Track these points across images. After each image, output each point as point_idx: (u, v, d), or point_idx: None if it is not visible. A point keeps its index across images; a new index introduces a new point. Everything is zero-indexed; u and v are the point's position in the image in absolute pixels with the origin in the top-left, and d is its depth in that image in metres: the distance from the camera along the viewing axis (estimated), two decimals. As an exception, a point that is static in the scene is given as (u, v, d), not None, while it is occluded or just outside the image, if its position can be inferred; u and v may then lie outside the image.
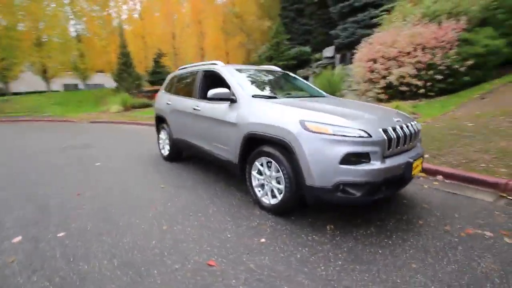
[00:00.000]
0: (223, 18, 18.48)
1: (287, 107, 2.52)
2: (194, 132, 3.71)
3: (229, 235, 2.27)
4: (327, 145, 2.12)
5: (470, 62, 6.83)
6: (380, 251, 2.00)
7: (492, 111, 5.32)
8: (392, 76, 7.54)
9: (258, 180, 2.74)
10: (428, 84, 7.29)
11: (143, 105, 14.23)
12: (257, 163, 2.69)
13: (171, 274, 1.81)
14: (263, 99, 2.91)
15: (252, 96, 2.92)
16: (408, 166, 2.27)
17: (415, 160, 2.34)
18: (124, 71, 15.96)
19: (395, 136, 2.24)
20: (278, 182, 2.52)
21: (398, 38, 7.61)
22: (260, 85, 3.42)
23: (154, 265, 1.91)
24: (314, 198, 2.26)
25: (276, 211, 2.56)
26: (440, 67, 7.01)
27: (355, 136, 2.11)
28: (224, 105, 3.14)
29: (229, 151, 3.04)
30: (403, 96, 7.71)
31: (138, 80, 16.71)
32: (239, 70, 3.52)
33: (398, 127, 2.33)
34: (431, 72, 7.17)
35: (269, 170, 2.58)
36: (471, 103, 6.21)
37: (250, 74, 3.58)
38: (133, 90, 15.82)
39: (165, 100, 4.56)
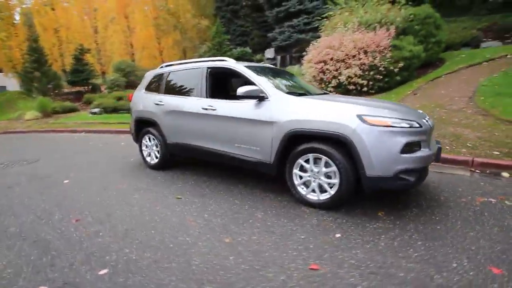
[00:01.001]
0: (156, 14, 17.17)
1: (338, 103, 2.60)
2: (205, 134, 3.41)
3: (302, 236, 2.21)
4: (388, 137, 2.29)
5: (401, 64, 8.18)
6: (438, 227, 2.27)
7: (427, 104, 6.52)
8: (342, 76, 8.41)
9: (301, 178, 2.73)
10: (371, 83, 8.41)
11: (68, 109, 12.05)
12: (300, 161, 2.68)
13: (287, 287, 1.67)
14: (298, 96, 2.91)
15: (287, 93, 2.88)
16: (439, 151, 2.64)
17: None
18: (36, 69, 13.10)
19: (431, 125, 2.58)
20: (328, 177, 2.57)
21: (344, 42, 8.52)
22: (275, 82, 3.38)
23: (259, 283, 1.71)
24: (373, 187, 2.40)
25: (327, 205, 2.60)
26: (380, 68, 8.18)
27: (411, 127, 2.34)
28: (248, 103, 3.02)
29: (261, 151, 2.93)
30: (350, 94, 8.69)
31: (55, 80, 13.98)
32: (248, 67, 3.40)
33: (427, 118, 2.68)
34: (372, 72, 8.29)
35: (317, 166, 2.60)
36: (407, 98, 7.46)
37: (260, 71, 3.50)
38: (50, 92, 13.17)
39: (151, 101, 4.04)
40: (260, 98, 2.91)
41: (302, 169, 2.71)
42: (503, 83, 6.52)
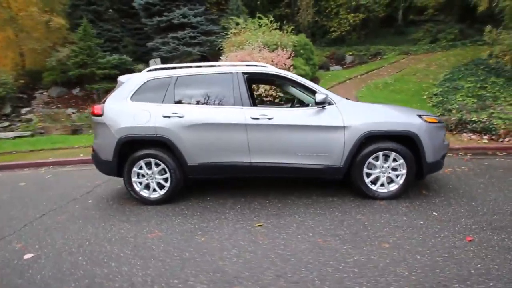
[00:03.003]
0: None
1: (396, 106, 3.10)
2: (255, 147, 3.03)
3: (433, 240, 2.26)
4: (437, 130, 3.05)
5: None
6: (472, 203, 3.16)
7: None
8: (261, 89, 9.17)
9: (368, 176, 3.04)
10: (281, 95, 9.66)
11: None
12: (371, 160, 3.00)
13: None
14: (350, 101, 3.20)
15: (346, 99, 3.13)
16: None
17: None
18: None
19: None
20: (395, 170, 3.03)
21: (255, 58, 9.34)
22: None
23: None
24: (429, 172, 3.09)
25: (395, 195, 3.05)
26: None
27: (443, 122, 3.20)
28: (307, 110, 3.08)
29: (330, 157, 3.01)
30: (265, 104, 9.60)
31: None
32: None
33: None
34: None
35: (385, 162, 3.01)
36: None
37: None
38: None
39: (155, 113, 3.07)
40: (325, 104, 2.99)
41: (370, 167, 3.04)
42: (368, 93, 9.31)
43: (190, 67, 3.51)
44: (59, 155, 6.07)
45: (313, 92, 3.12)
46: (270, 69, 3.28)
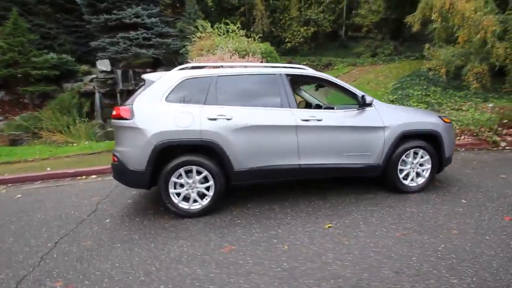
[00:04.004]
0: None
1: (420, 109, 3.44)
2: (304, 149, 3.00)
3: (484, 223, 2.66)
4: (450, 129, 3.51)
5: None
6: (481, 189, 3.75)
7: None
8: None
9: (401, 171, 3.32)
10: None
11: None
12: (404, 158, 3.28)
13: None
14: (383, 103, 3.45)
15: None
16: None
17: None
18: None
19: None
20: (421, 165, 3.38)
21: (231, 63, 9.22)
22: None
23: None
24: (446, 165, 3.52)
25: (422, 188, 3.39)
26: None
27: (451, 122, 3.69)
28: (349, 112, 3.22)
29: (371, 156, 3.19)
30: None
31: None
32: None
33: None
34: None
35: (415, 159, 3.33)
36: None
37: None
38: None
39: (199, 115, 2.78)
40: (366, 105, 3.16)
41: (402, 164, 3.32)
42: (335, 101, 10.07)
43: (222, 66, 3.29)
44: (15, 171, 4.90)
45: (351, 94, 3.28)
46: (310, 71, 3.32)
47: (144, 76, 3.10)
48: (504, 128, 6.20)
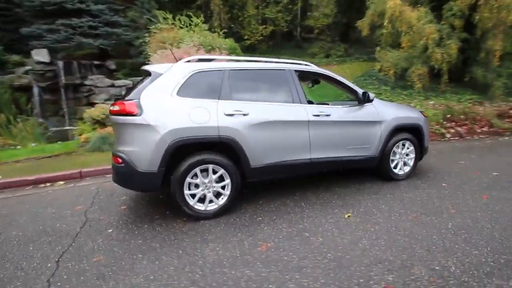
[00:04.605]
0: None
1: (405, 105, 3.80)
2: (314, 143, 3.09)
3: (470, 202, 3.25)
4: (427, 122, 3.98)
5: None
6: (454, 173, 4.32)
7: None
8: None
9: (394, 161, 3.66)
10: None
11: None
12: (395, 149, 3.62)
13: None
14: (377, 99, 3.72)
15: None
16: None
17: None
18: None
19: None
20: (407, 155, 3.77)
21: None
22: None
23: None
24: (426, 153, 3.98)
25: (408, 175, 3.79)
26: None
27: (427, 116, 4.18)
28: (354, 107, 3.43)
29: (370, 148, 3.45)
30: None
31: None
32: None
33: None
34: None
35: (402, 149, 3.70)
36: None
37: None
38: None
39: (215, 110, 2.64)
40: (368, 102, 3.41)
41: (393, 154, 3.65)
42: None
43: (238, 61, 3.15)
44: (-49, 182, 3.95)
45: (352, 91, 3.48)
46: (314, 68, 3.41)
47: (148, 67, 2.81)
48: (447, 122, 7.27)
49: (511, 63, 9.33)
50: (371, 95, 3.39)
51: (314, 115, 3.09)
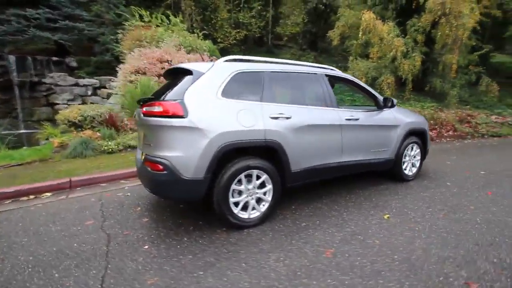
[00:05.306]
0: None
1: (410, 110, 4.06)
2: (344, 147, 3.13)
3: (476, 199, 3.58)
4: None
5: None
6: (460, 177, 4.69)
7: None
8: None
9: (404, 163, 3.88)
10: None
11: None
12: (406, 151, 3.85)
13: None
14: None
15: None
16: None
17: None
18: None
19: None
20: (414, 157, 4.03)
21: (180, 59, 8.45)
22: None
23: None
24: (427, 155, 4.30)
25: (415, 176, 4.04)
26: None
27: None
28: (375, 112, 3.57)
29: (388, 151, 3.62)
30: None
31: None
32: None
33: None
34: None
35: (411, 151, 3.95)
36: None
37: None
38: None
39: (260, 113, 2.52)
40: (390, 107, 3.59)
41: (405, 156, 3.87)
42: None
43: (274, 63, 3.01)
44: None
45: (373, 97, 3.63)
46: (340, 72, 3.46)
47: (188, 66, 2.56)
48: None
49: (463, 75, 10.62)
50: (394, 101, 3.57)
51: (346, 119, 3.14)
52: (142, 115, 2.47)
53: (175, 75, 2.75)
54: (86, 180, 4.00)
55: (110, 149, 5.31)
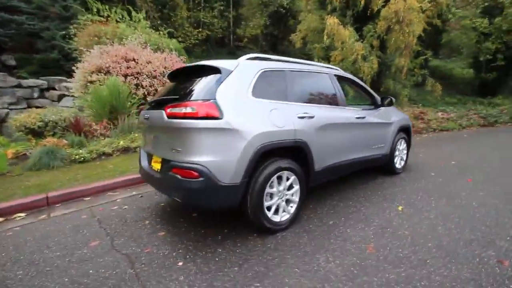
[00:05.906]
0: None
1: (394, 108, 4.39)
2: (354, 145, 3.25)
3: (466, 189, 3.98)
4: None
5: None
6: (436, 167, 5.14)
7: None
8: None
9: (396, 157, 4.18)
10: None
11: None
12: (397, 145, 4.14)
13: None
14: None
15: None
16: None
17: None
18: None
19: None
20: (403, 151, 4.36)
21: (147, 58, 7.87)
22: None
23: None
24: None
25: (403, 169, 4.38)
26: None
27: None
28: (373, 110, 3.76)
29: (384, 147, 3.86)
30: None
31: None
32: None
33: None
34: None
35: (401, 146, 4.27)
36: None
37: None
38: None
39: (289, 113, 2.47)
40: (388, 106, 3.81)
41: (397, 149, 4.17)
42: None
43: (292, 62, 2.93)
44: None
45: (370, 95, 3.81)
46: (343, 72, 3.55)
47: (214, 63, 2.36)
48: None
49: (411, 77, 11.89)
50: (393, 100, 3.81)
51: (357, 118, 3.26)
52: (165, 117, 2.22)
53: (189, 74, 2.54)
54: (66, 195, 3.47)
55: (82, 158, 4.70)
